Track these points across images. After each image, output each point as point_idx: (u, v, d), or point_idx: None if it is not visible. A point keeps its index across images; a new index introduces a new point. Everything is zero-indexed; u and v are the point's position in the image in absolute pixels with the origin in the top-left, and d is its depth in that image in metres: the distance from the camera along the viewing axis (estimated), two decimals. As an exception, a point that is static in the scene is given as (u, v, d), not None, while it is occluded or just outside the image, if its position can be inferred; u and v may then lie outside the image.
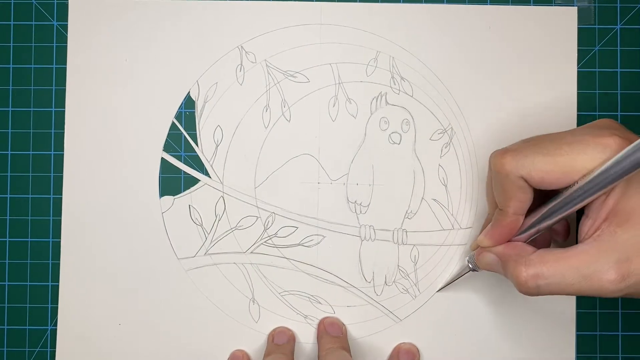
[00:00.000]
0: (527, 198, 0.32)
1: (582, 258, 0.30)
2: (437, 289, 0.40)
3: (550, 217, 0.33)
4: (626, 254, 0.30)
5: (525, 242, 0.34)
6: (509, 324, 0.40)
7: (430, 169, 0.41)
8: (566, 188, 0.31)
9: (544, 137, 0.32)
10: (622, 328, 0.41)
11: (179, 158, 0.41)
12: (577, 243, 0.32)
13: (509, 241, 0.35)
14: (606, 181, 0.29)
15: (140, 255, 0.41)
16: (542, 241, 0.36)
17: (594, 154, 0.30)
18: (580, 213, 0.32)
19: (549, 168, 0.31)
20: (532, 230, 0.34)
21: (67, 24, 0.41)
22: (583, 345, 0.41)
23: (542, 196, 0.33)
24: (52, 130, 0.41)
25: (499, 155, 0.32)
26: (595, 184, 0.30)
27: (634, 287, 0.30)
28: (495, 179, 0.33)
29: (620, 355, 0.41)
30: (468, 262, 0.38)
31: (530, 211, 0.34)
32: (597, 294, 0.30)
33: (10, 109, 0.41)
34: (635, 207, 0.30)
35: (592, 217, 0.31)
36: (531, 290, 0.31)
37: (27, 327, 0.41)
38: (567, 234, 0.37)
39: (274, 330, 0.40)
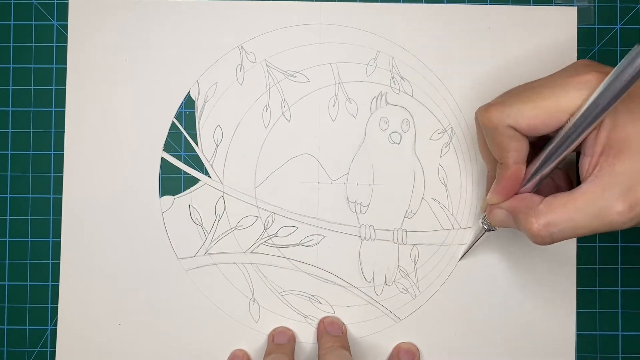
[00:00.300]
0: (522, 146, 0.32)
1: (588, 197, 0.30)
2: (459, 257, 0.40)
3: (549, 160, 0.32)
4: (628, 183, 0.30)
5: (531, 192, 0.34)
6: (509, 324, 0.40)
7: (430, 168, 0.41)
8: (558, 130, 0.31)
9: (524, 86, 0.33)
10: (622, 328, 0.41)
11: (179, 158, 0.41)
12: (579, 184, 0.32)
13: (516, 194, 0.34)
14: (594, 114, 0.29)
15: (140, 255, 0.41)
16: (548, 192, 0.36)
17: (575, 93, 0.30)
18: (579, 155, 0.33)
19: (534, 113, 0.31)
20: (536, 179, 0.33)
21: (67, 24, 0.41)
22: (583, 345, 0.41)
23: (539, 146, 0.33)
24: (52, 130, 0.41)
25: (483, 110, 0.32)
26: (585, 119, 0.30)
27: None
28: (487, 135, 0.33)
29: (620, 355, 0.41)
30: (482, 223, 0.38)
31: (530, 162, 0.33)
32: (609, 228, 0.30)
33: (10, 108, 0.41)
34: (628, 136, 0.30)
35: (588, 155, 0.31)
36: (545, 240, 0.31)
37: (27, 327, 0.41)
38: (571, 185, 0.36)
39: (274, 330, 0.40)
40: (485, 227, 0.38)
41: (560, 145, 0.32)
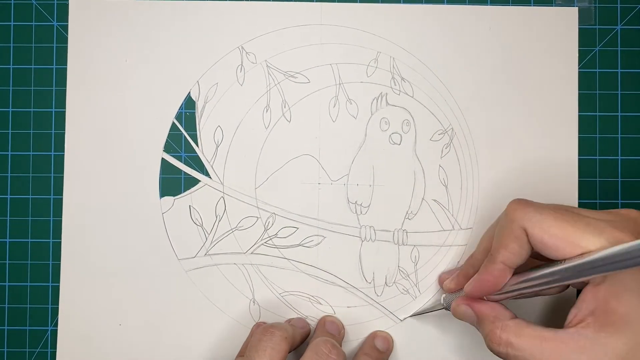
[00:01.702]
0: (520, 252, 0.31)
1: (558, 346, 0.29)
2: (407, 315, 0.40)
3: (536, 285, 0.32)
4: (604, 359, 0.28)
5: (499, 302, 0.34)
6: (510, 324, 0.40)
7: (431, 169, 0.41)
8: (560, 262, 0.30)
9: (573, 209, 0.31)
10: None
11: (179, 158, 0.41)
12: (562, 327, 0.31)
13: (484, 299, 0.34)
14: (592, 270, 0.28)
15: (141, 255, 0.41)
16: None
17: (603, 243, 0.28)
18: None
19: (553, 232, 0.30)
20: (513, 294, 0.33)
21: (67, 25, 0.41)
22: (583, 345, 0.41)
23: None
24: (52, 131, 0.41)
25: (516, 201, 0.32)
26: (585, 269, 0.29)
27: None
28: (502, 222, 0.33)
29: (620, 355, 0.41)
30: (443, 301, 0.38)
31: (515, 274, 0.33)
32: None
33: (10, 109, 0.41)
34: (628, 312, 0.28)
35: (579, 307, 0.30)
36: (500, 354, 0.31)
37: (28, 328, 0.41)
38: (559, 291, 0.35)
39: (324, 318, 0.40)
40: (444, 304, 0.38)
41: (553, 277, 0.30)
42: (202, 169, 0.41)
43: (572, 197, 0.41)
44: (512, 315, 0.32)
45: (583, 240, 0.29)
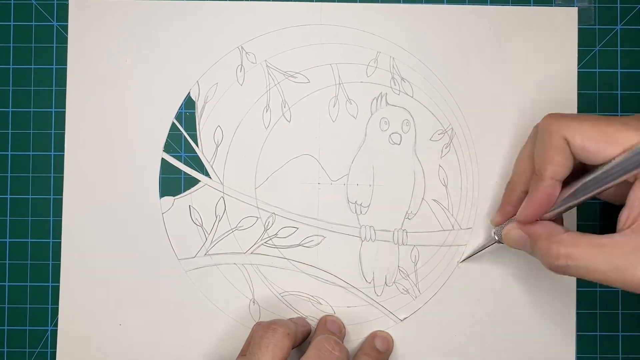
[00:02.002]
0: (566, 163, 0.32)
1: (615, 249, 0.30)
2: (461, 259, 0.40)
3: (583, 193, 0.32)
4: None
5: (552, 220, 0.34)
6: (509, 324, 0.40)
7: (431, 169, 0.41)
8: (602, 165, 0.31)
9: (601, 116, 0.32)
10: (622, 328, 0.41)
11: (179, 159, 0.41)
12: (615, 232, 0.31)
13: (537, 220, 0.34)
14: (637, 163, 0.29)
15: (141, 255, 0.41)
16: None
17: (636, 132, 0.30)
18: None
19: (593, 134, 0.31)
20: (563, 207, 0.33)
21: (66, 25, 0.41)
22: (583, 345, 0.41)
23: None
24: (52, 131, 0.41)
25: (550, 115, 0.33)
26: (633, 162, 0.30)
27: None
28: (540, 139, 0.33)
29: (620, 355, 0.41)
30: (494, 234, 0.38)
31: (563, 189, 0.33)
32: (624, 286, 0.30)
33: (10, 109, 0.41)
34: None
35: (630, 207, 0.31)
36: (559, 268, 0.31)
37: (28, 328, 0.41)
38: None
39: (324, 317, 0.40)
40: (497, 238, 0.38)
41: (599, 181, 0.31)
42: (202, 169, 0.41)
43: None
44: (565, 230, 0.32)
45: (623, 138, 0.30)
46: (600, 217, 0.41)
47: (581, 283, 0.41)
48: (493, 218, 0.39)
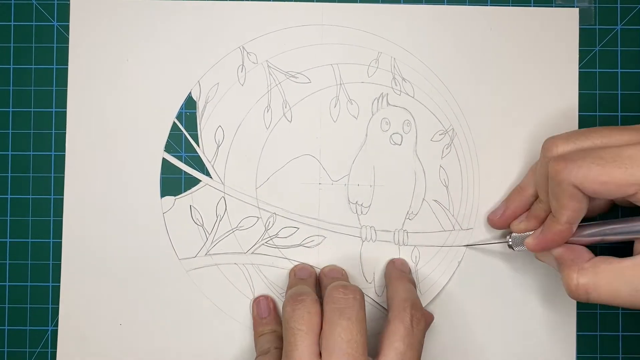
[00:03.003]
0: (580, 207, 0.32)
1: (636, 271, 0.30)
2: (467, 244, 0.40)
3: (615, 234, 0.33)
4: None
5: (585, 246, 0.34)
6: (509, 324, 0.41)
7: (432, 169, 0.41)
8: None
9: (597, 137, 0.32)
10: (623, 328, 0.41)
11: (180, 158, 0.41)
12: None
13: (567, 242, 0.35)
14: None
15: (141, 255, 0.41)
16: None
17: None
18: None
19: (603, 179, 0.30)
20: (595, 239, 0.34)
21: (67, 25, 0.41)
22: (583, 345, 0.41)
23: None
24: (53, 131, 0.41)
25: (554, 161, 0.32)
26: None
27: None
28: (550, 185, 0.33)
29: (620, 355, 0.41)
30: (509, 241, 0.38)
31: (602, 216, 0.34)
32: None
33: (10, 109, 0.41)
34: None
35: None
36: (581, 298, 0.32)
37: (28, 328, 0.41)
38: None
39: (295, 266, 0.40)
40: (510, 243, 0.38)
41: (620, 231, 0.32)
42: (202, 168, 0.41)
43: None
44: (591, 257, 0.33)
45: (634, 177, 0.30)
46: (599, 217, 0.41)
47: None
48: (516, 223, 0.38)
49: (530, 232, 0.37)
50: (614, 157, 0.30)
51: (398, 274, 0.39)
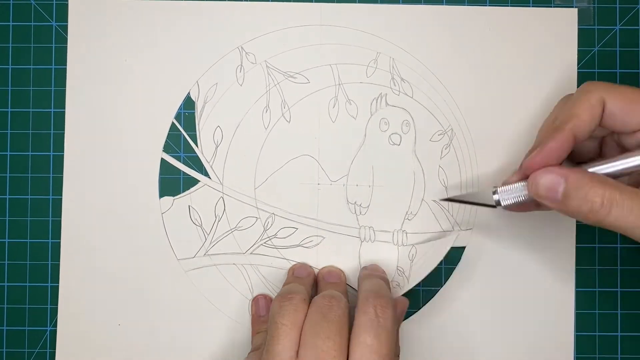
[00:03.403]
0: (590, 123, 0.32)
1: None
2: (442, 198, 0.40)
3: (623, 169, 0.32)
4: None
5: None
6: (508, 324, 0.40)
7: (430, 170, 0.41)
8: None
9: None
10: (622, 328, 0.41)
11: (178, 159, 0.41)
12: None
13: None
14: None
15: (140, 256, 0.41)
16: None
17: None
18: None
19: (635, 97, 0.31)
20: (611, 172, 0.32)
21: (66, 25, 0.41)
22: (582, 345, 0.41)
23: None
24: (51, 131, 0.41)
25: (592, 82, 0.33)
26: None
27: None
28: (574, 97, 0.33)
29: (619, 355, 0.41)
30: (495, 193, 0.35)
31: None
32: None
33: (9, 109, 0.41)
34: None
35: None
36: (600, 215, 0.30)
37: (27, 328, 0.41)
38: None
39: (294, 265, 0.40)
40: (496, 199, 0.35)
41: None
42: (201, 169, 0.41)
43: (571, 198, 0.41)
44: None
45: None
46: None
47: (580, 283, 0.41)
48: (509, 178, 0.35)
49: (523, 183, 0.34)
50: None
51: (367, 273, 0.38)
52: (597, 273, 0.41)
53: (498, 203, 0.35)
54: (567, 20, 0.41)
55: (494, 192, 0.35)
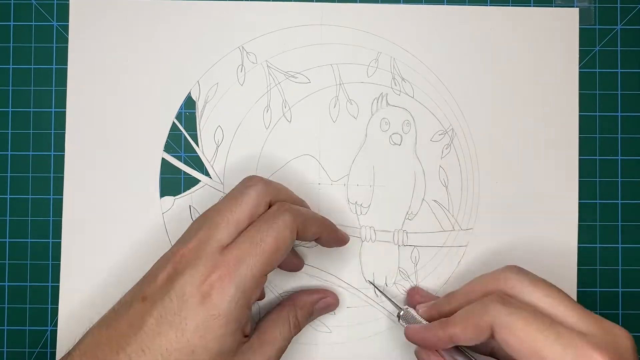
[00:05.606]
0: (472, 340, 0.31)
1: None
2: (374, 287, 0.40)
3: None
4: None
5: None
6: (509, 324, 0.40)
7: (431, 170, 0.41)
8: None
9: (556, 311, 0.31)
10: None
11: (179, 158, 0.41)
12: None
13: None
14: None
15: (141, 255, 0.40)
16: None
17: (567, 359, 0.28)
18: None
19: (520, 335, 0.29)
20: None
21: (66, 25, 0.41)
22: (583, 345, 0.41)
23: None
24: (52, 131, 0.41)
25: (495, 297, 0.31)
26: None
27: None
28: (476, 305, 0.32)
29: (620, 356, 0.41)
30: (401, 316, 0.37)
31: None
32: None
33: (10, 109, 0.41)
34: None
35: None
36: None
37: (27, 328, 0.41)
38: None
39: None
40: (399, 316, 0.37)
41: None
42: (202, 169, 0.41)
43: (572, 196, 0.41)
44: None
45: (546, 351, 0.28)
46: (599, 218, 0.41)
47: (581, 283, 0.41)
48: (420, 307, 0.37)
49: (423, 323, 0.36)
50: (545, 326, 0.29)
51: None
52: (599, 273, 0.41)
53: (400, 319, 0.37)
54: (568, 20, 0.41)
55: (398, 316, 0.37)
